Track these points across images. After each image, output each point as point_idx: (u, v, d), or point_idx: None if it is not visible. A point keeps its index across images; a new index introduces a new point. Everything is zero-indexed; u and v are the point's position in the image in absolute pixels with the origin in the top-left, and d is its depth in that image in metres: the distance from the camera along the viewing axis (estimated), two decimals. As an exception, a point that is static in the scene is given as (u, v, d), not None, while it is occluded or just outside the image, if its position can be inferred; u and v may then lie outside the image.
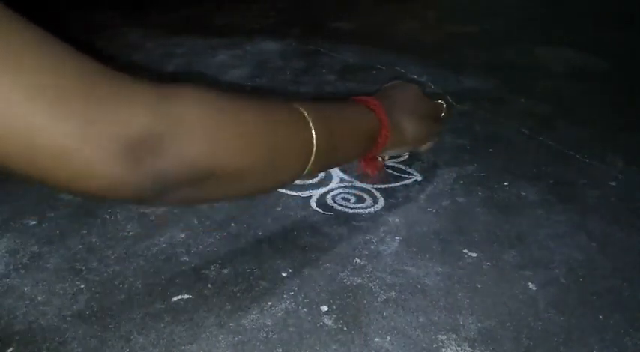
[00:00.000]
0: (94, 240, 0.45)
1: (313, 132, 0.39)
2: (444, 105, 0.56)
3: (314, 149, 0.39)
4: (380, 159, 0.55)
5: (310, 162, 0.40)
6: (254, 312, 0.38)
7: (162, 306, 0.39)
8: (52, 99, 0.26)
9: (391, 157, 0.58)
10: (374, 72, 0.85)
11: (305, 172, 0.41)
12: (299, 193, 0.52)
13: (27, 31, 0.27)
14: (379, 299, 0.39)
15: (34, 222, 0.47)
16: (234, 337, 0.36)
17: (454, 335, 0.36)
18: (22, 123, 0.26)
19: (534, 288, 0.41)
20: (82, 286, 0.41)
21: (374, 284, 0.41)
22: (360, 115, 0.46)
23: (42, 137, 0.26)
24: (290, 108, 0.40)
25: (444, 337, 0.36)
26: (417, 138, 0.52)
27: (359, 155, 0.49)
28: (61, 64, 0.27)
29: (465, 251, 0.45)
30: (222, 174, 0.34)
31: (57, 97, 0.26)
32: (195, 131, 0.32)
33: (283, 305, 0.39)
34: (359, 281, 0.41)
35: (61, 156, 0.27)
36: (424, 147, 0.55)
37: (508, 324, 0.37)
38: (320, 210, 0.50)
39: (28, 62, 0.26)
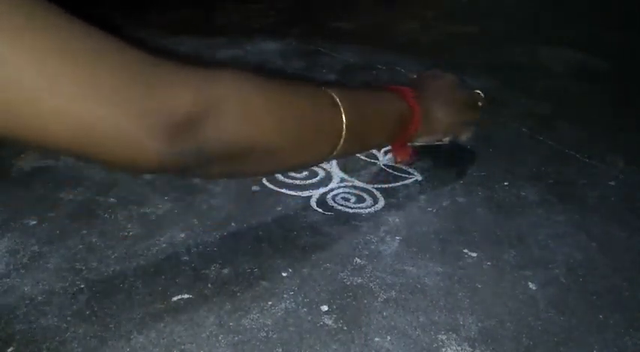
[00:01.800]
0: (94, 239, 0.45)
1: (344, 116, 0.41)
2: (482, 95, 0.57)
3: (344, 132, 0.42)
4: (411, 146, 0.55)
5: (339, 145, 0.42)
6: (254, 312, 0.38)
7: (163, 306, 0.39)
8: (100, 84, 0.28)
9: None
10: (374, 72, 0.85)
11: (335, 154, 0.43)
12: (299, 193, 0.52)
13: (74, 26, 0.29)
14: (379, 299, 0.39)
15: (34, 222, 0.47)
16: (234, 337, 0.36)
17: (454, 335, 0.36)
18: (70, 105, 0.28)
19: (534, 288, 0.41)
20: (82, 286, 0.41)
21: (374, 284, 0.41)
22: (391, 102, 0.48)
23: (90, 118, 0.28)
24: (323, 93, 0.42)
25: (444, 337, 0.36)
26: (449, 128, 0.53)
27: (388, 141, 0.51)
28: (106, 53, 0.30)
29: (465, 251, 0.45)
30: (258, 151, 0.37)
31: (104, 83, 0.29)
32: (233, 112, 0.34)
33: (283, 305, 0.39)
34: (359, 281, 0.41)
35: (109, 135, 0.29)
36: (463, 137, 0.56)
37: (508, 324, 0.37)
38: (320, 210, 0.50)
39: (76, 51, 0.28)
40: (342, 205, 0.50)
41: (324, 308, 0.39)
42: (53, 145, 0.30)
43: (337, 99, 0.41)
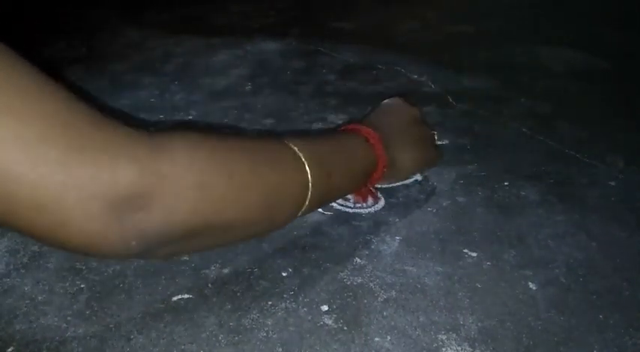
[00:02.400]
0: (94, 239, 0.45)
1: (309, 175, 0.38)
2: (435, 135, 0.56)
3: (309, 192, 0.39)
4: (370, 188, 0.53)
5: (305, 206, 0.39)
6: (254, 312, 0.38)
7: (163, 306, 0.39)
8: (34, 148, 0.25)
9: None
10: (374, 72, 0.85)
11: (300, 214, 0.40)
12: (299, 193, 0.52)
13: (16, 73, 0.26)
14: (379, 299, 0.39)
15: (34, 222, 0.47)
16: (234, 337, 0.36)
17: (454, 335, 0.36)
18: (13, 167, 0.25)
19: (534, 288, 0.41)
20: (83, 285, 0.41)
21: (374, 284, 0.41)
22: (357, 152, 0.45)
23: (20, 186, 0.25)
24: (284, 151, 0.39)
25: (444, 337, 0.36)
26: (412, 171, 0.53)
27: (353, 190, 0.49)
28: (48, 109, 0.26)
29: (465, 251, 0.45)
30: (214, 228, 0.34)
31: (39, 146, 0.25)
32: (184, 189, 0.30)
33: (283, 305, 0.39)
34: (359, 281, 0.41)
35: (38, 208, 0.26)
36: (415, 177, 0.55)
37: (508, 324, 0.37)
38: (320, 210, 0.50)
39: (15, 107, 0.25)
40: (342, 205, 0.50)
41: (324, 308, 0.39)
42: None
43: (301, 156, 0.38)
